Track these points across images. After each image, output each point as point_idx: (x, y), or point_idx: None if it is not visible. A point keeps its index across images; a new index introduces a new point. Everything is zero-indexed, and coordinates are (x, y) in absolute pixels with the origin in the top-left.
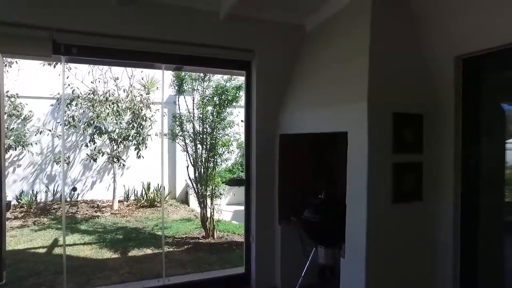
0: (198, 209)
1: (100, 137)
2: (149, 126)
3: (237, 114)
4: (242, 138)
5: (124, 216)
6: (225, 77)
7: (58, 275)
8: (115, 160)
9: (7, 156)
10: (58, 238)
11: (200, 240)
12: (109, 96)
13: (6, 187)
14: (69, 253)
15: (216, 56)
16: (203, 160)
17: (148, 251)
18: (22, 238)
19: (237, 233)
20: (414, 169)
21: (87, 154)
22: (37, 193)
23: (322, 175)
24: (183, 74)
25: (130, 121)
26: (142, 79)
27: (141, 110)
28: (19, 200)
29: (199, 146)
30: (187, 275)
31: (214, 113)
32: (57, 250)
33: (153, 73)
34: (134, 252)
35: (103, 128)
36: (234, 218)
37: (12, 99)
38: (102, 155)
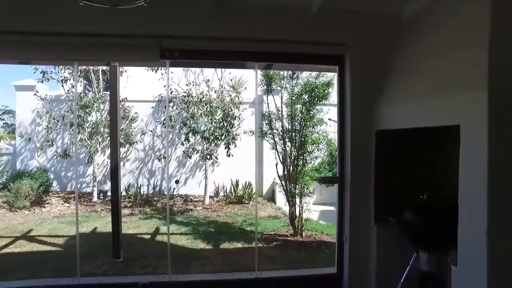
0: (284, 207)
1: (194, 135)
2: (238, 125)
3: (326, 112)
4: (330, 136)
5: (214, 211)
6: (314, 74)
7: (160, 258)
8: (207, 157)
9: None
10: (159, 227)
11: (289, 238)
12: (202, 97)
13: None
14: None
15: (307, 51)
16: (292, 158)
17: (239, 245)
18: (131, 224)
19: (325, 233)
20: None
21: (183, 151)
22: (140, 186)
23: (423, 173)
24: (271, 73)
25: (220, 120)
26: (231, 80)
27: (231, 109)
28: (127, 192)
29: (288, 144)
30: (278, 271)
31: (304, 111)
32: (159, 237)
33: (241, 74)
34: (225, 245)
35: (196, 127)
36: (321, 217)
37: (122, 103)
38: (196, 153)
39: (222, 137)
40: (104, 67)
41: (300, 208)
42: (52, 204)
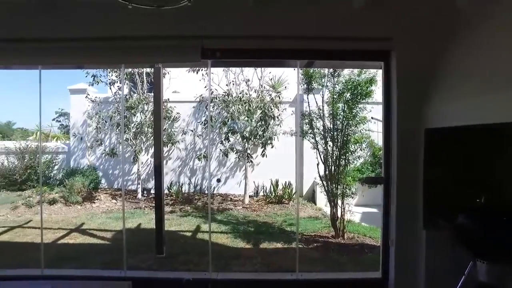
0: (325, 208)
1: (234, 135)
2: (277, 124)
3: (370, 110)
4: (373, 135)
5: (254, 211)
6: (356, 71)
7: (201, 256)
8: (247, 157)
9: None
10: (199, 225)
11: (330, 240)
12: (242, 96)
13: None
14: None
15: (350, 48)
16: (334, 158)
17: (278, 245)
18: (173, 221)
19: (368, 235)
20: None
21: (220, 149)
22: (182, 184)
23: (479, 175)
24: (311, 71)
25: (259, 119)
26: (271, 79)
27: (270, 109)
28: (169, 190)
29: (329, 143)
30: (320, 273)
31: (346, 109)
32: (200, 235)
33: (280, 74)
34: (265, 245)
35: (235, 127)
36: (364, 220)
37: (165, 104)
38: (235, 153)
39: (261, 137)
40: (148, 69)
41: (342, 209)
42: (101, 200)
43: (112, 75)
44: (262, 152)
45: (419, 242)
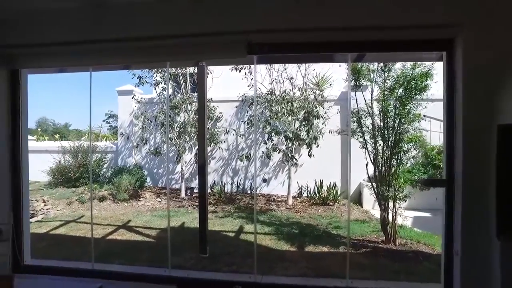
0: (372, 211)
1: (277, 135)
2: (322, 124)
3: (425, 106)
4: (426, 134)
5: (298, 212)
6: (408, 64)
7: (244, 257)
8: (291, 157)
9: None
10: (242, 226)
11: (380, 245)
12: (285, 95)
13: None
14: (252, 240)
15: (406, 37)
16: (385, 158)
17: (324, 248)
18: (216, 221)
19: (422, 242)
20: None
21: (262, 151)
22: (224, 184)
23: None
24: (359, 66)
25: (303, 119)
26: (315, 77)
27: (315, 107)
28: (212, 189)
29: (379, 142)
30: (373, 281)
31: (398, 106)
32: (243, 236)
33: (325, 71)
34: (310, 248)
35: (279, 126)
36: (416, 224)
37: (208, 103)
38: (278, 153)
39: (305, 137)
40: (191, 70)
41: (394, 213)
42: (146, 198)
43: (156, 76)
44: (309, 152)
45: (490, 253)
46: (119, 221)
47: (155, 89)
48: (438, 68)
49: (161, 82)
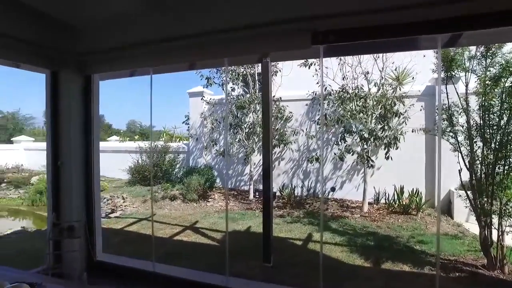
0: (466, 225)
1: (351, 135)
2: (402, 122)
3: None
4: None
5: (374, 220)
6: None
7: (312, 269)
8: (367, 160)
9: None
10: (312, 233)
11: (480, 270)
12: (358, 91)
13: (272, 179)
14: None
15: None
16: (486, 163)
17: (405, 267)
18: (284, 227)
19: None
20: None
21: (334, 153)
22: (294, 187)
23: None
24: (452, 53)
25: (379, 116)
26: (395, 70)
27: (394, 104)
28: (282, 192)
29: (479, 144)
30: None
31: (507, 99)
32: (311, 245)
33: (406, 63)
34: (387, 265)
35: (353, 126)
36: None
37: (277, 103)
38: (352, 154)
39: (382, 137)
40: (260, 68)
41: (500, 232)
42: (215, 199)
43: (224, 76)
44: (386, 154)
45: None
46: (187, 222)
47: (223, 89)
48: None
49: (229, 83)
